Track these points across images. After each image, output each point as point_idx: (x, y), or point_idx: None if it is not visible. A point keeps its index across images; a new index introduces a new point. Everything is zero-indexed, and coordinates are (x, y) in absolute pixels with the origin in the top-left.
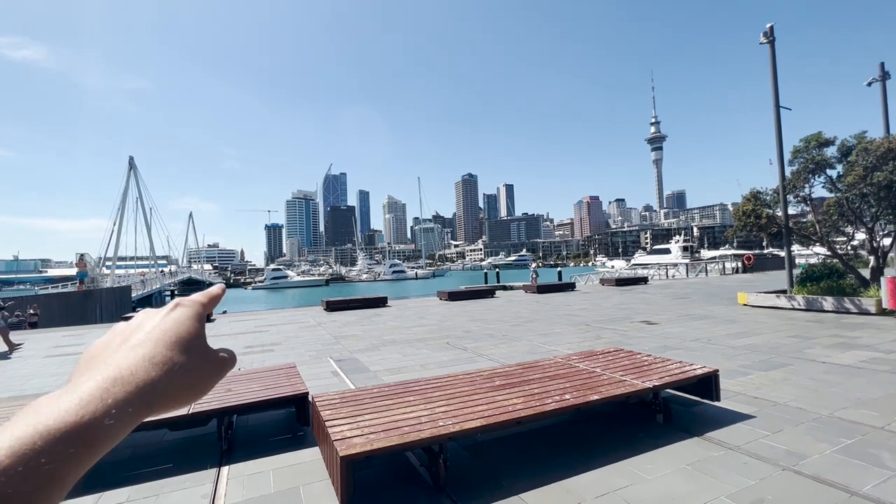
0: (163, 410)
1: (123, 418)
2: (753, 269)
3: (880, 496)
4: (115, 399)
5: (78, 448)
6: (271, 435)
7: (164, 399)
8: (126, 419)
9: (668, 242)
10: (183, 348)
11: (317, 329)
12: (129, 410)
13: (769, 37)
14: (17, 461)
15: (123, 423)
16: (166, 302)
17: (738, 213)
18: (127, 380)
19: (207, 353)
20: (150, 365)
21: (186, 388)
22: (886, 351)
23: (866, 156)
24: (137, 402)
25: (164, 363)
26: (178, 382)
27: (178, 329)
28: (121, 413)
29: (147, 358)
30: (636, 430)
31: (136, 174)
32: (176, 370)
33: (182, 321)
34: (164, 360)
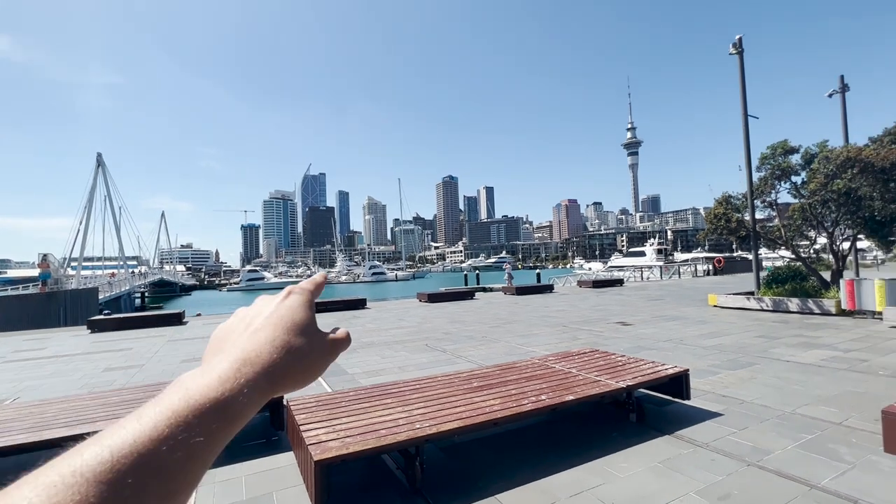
0: (285, 389)
1: (254, 396)
2: (724, 271)
3: (837, 488)
4: (247, 378)
5: (220, 423)
6: (244, 440)
7: (286, 379)
8: (256, 397)
9: (643, 245)
10: (298, 333)
11: None
12: (257, 389)
13: (738, 48)
14: (175, 431)
15: (254, 400)
16: (135, 304)
17: (709, 216)
18: (254, 361)
19: (320, 337)
20: (271, 348)
21: (303, 370)
22: (845, 350)
23: (827, 164)
24: (264, 381)
25: (283, 346)
26: (296, 364)
27: (293, 315)
28: (252, 391)
29: (269, 341)
30: (610, 430)
31: (104, 171)
32: (294, 353)
33: (295, 308)
34: (283, 343)
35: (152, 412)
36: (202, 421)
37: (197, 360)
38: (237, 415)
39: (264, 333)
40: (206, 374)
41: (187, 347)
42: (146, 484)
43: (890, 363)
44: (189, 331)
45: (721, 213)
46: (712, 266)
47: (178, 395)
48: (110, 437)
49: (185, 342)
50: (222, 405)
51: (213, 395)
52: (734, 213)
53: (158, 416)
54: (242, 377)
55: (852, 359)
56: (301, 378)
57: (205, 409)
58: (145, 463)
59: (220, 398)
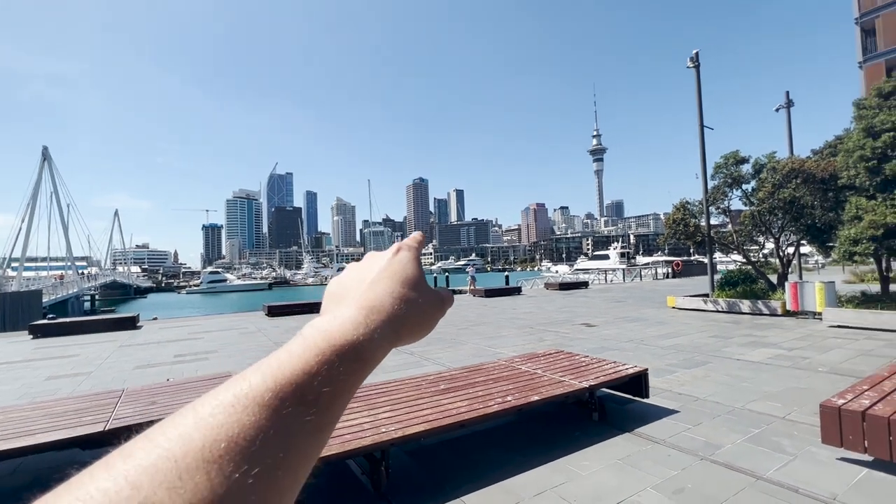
0: (405, 340)
1: (383, 343)
2: (682, 274)
3: (780, 479)
4: (376, 325)
5: (356, 364)
6: None
7: (406, 330)
8: (384, 343)
9: (608, 249)
10: (413, 287)
11: (257, 336)
12: (385, 336)
13: (695, 62)
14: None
15: (383, 347)
16: (85, 308)
17: (668, 222)
18: (378, 309)
19: (431, 292)
20: (392, 299)
21: (420, 323)
22: (789, 348)
23: (774, 174)
24: (388, 329)
25: (401, 298)
26: (414, 316)
27: (406, 269)
28: (380, 338)
29: (388, 293)
30: (573, 429)
31: (51, 166)
32: (411, 305)
33: (406, 263)
34: (401, 295)
35: (299, 349)
36: (342, 361)
37: (152, 366)
38: (370, 358)
39: (382, 285)
40: (337, 320)
41: (141, 353)
42: (302, 413)
43: (828, 360)
44: (143, 335)
45: (679, 218)
46: (671, 269)
47: (320, 336)
48: (267, 367)
49: (138, 347)
50: (358, 348)
51: (350, 338)
52: (691, 218)
53: (307, 352)
54: (372, 323)
55: (795, 356)
56: (418, 330)
57: (344, 350)
58: (302, 394)
59: (356, 341)
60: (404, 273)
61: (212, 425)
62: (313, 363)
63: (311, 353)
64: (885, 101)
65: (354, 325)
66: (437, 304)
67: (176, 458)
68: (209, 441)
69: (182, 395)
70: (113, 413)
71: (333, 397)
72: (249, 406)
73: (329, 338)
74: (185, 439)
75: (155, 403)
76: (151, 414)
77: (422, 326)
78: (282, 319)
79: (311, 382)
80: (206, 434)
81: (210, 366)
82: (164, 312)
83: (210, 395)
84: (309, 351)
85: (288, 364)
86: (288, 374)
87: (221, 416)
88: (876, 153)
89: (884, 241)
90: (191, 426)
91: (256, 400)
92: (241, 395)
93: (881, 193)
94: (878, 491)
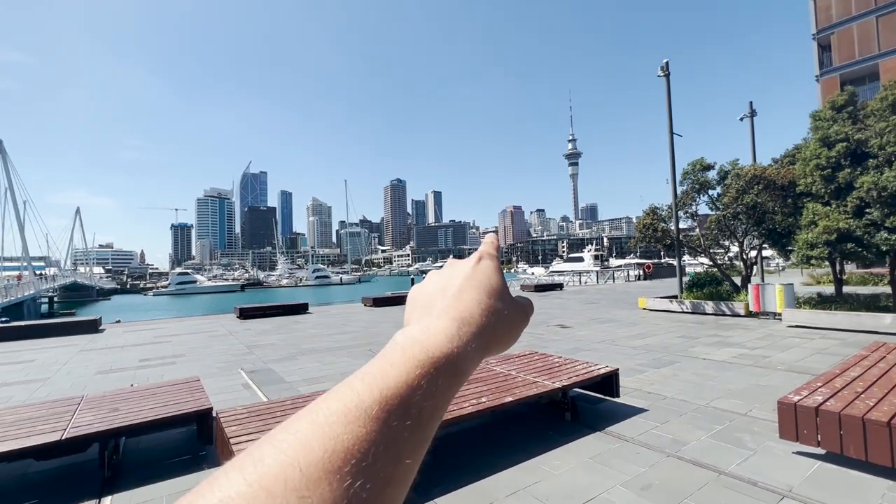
0: (493, 352)
1: (475, 355)
2: (652, 276)
3: (741, 473)
4: (468, 337)
5: (452, 377)
6: (167, 457)
7: (494, 341)
8: (476, 356)
9: (582, 251)
10: (498, 297)
11: (228, 338)
12: (477, 349)
13: (665, 71)
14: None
15: (475, 360)
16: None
17: (639, 226)
18: (468, 321)
19: (515, 302)
20: (480, 310)
21: (507, 333)
22: (751, 347)
23: (738, 180)
24: (479, 341)
25: (489, 309)
26: (501, 328)
27: (490, 279)
28: (473, 351)
29: (476, 303)
30: (546, 429)
31: (5, 160)
32: (498, 315)
33: (489, 273)
34: (488, 306)
35: (399, 360)
36: (439, 374)
37: (114, 372)
38: (464, 372)
39: (469, 295)
40: (431, 331)
41: (103, 357)
42: (407, 427)
43: (787, 359)
44: (106, 339)
45: (649, 223)
46: (643, 271)
47: (419, 348)
48: (372, 377)
49: (100, 352)
50: (454, 361)
51: (447, 351)
52: (661, 223)
53: (407, 363)
54: (465, 336)
55: (757, 355)
56: (504, 341)
57: (442, 364)
58: (406, 408)
59: (452, 354)
60: (489, 283)
61: (328, 435)
62: (415, 376)
63: (411, 364)
64: (839, 113)
65: (449, 337)
66: (521, 314)
67: (301, 466)
68: (328, 451)
69: (147, 401)
70: (71, 421)
71: (434, 412)
72: (360, 417)
73: (427, 350)
74: (307, 448)
75: (117, 410)
76: (114, 422)
77: (508, 337)
78: (255, 322)
79: (414, 396)
80: (325, 444)
81: (177, 370)
82: (129, 315)
83: (320, 401)
84: (409, 362)
85: (392, 375)
86: (392, 385)
87: (337, 425)
88: (830, 162)
89: (837, 246)
90: (309, 433)
91: (366, 411)
92: (350, 406)
93: (835, 200)
94: (830, 482)
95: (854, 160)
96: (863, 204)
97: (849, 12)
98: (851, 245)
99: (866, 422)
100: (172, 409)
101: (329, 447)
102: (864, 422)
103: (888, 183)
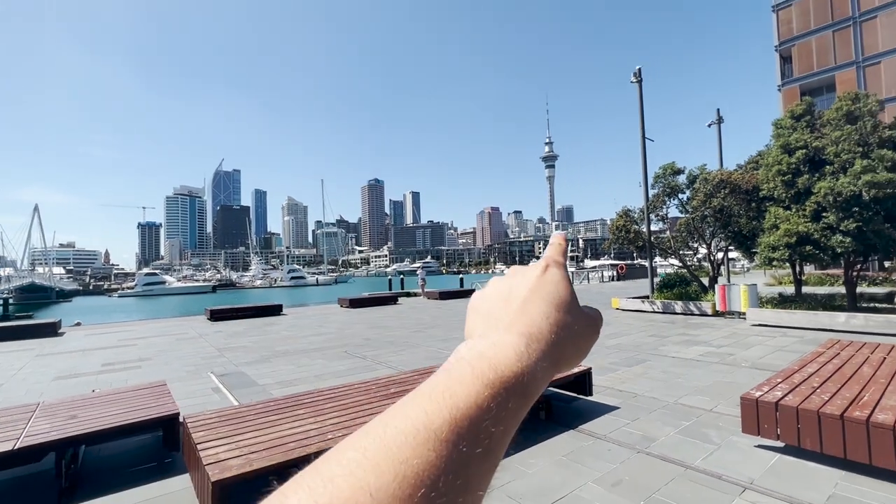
0: (561, 369)
1: (544, 375)
2: (626, 277)
3: (706, 467)
4: (537, 355)
5: (521, 399)
6: (131, 465)
7: (563, 358)
8: (545, 375)
9: None
10: (567, 310)
11: (198, 341)
12: (544, 366)
13: (637, 77)
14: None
15: (544, 380)
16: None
17: (613, 228)
18: (536, 336)
19: (584, 315)
20: (548, 325)
21: (576, 349)
22: (718, 346)
23: (706, 185)
24: (548, 359)
25: (557, 324)
26: (571, 343)
27: (559, 290)
28: (542, 369)
29: (543, 316)
30: (521, 428)
31: None
32: (567, 330)
33: (557, 283)
34: (556, 320)
35: (468, 378)
36: (509, 395)
37: (74, 377)
38: (534, 393)
39: (535, 308)
40: (499, 346)
41: (63, 362)
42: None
43: (750, 356)
44: (65, 343)
45: (622, 225)
46: (616, 272)
47: (487, 365)
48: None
49: (59, 356)
50: (524, 381)
51: (516, 370)
52: (633, 225)
53: (476, 382)
54: (534, 353)
55: (723, 353)
56: (574, 358)
57: (511, 384)
58: (476, 432)
59: (521, 374)
60: (557, 294)
61: (398, 458)
62: (484, 397)
63: (480, 384)
64: (798, 122)
65: (517, 354)
66: (591, 327)
67: (371, 490)
68: (398, 476)
69: (109, 408)
70: (25, 429)
71: (502, 437)
72: (430, 440)
73: (496, 367)
74: (377, 471)
75: (76, 417)
76: (72, 429)
77: (577, 353)
78: (226, 324)
79: (484, 419)
80: (395, 468)
81: (143, 374)
82: (92, 317)
83: (387, 417)
84: (478, 381)
85: (461, 395)
86: (462, 407)
87: (406, 448)
88: (790, 168)
89: (797, 248)
90: (379, 454)
91: (436, 433)
92: (419, 426)
93: (795, 205)
94: (788, 473)
95: (812, 167)
96: (820, 208)
97: (808, 26)
98: (810, 248)
99: (821, 415)
100: (136, 415)
101: (399, 472)
102: (820, 415)
103: (843, 189)
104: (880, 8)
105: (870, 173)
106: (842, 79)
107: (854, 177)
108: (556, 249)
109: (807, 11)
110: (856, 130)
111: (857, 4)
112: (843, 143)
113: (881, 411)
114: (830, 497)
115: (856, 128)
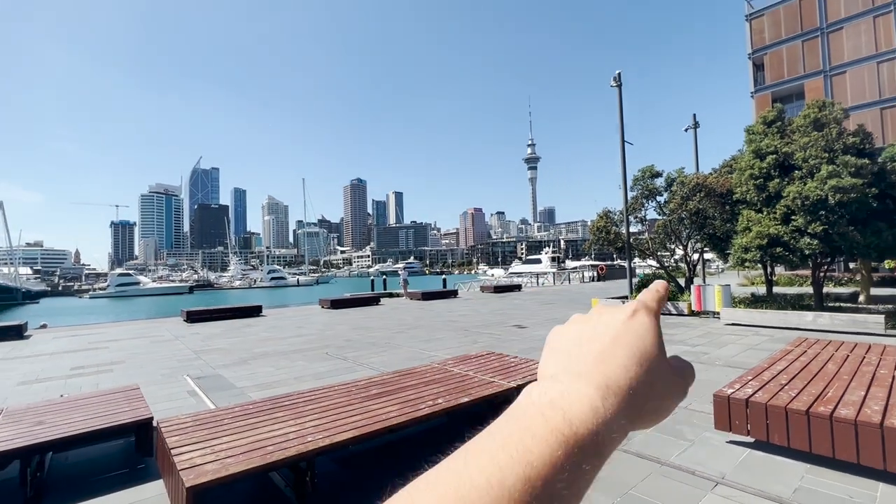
0: (638, 428)
1: (619, 435)
2: (606, 277)
3: (680, 463)
4: (614, 412)
5: (595, 459)
6: (101, 472)
7: (641, 417)
8: (620, 435)
9: (540, 253)
10: (651, 366)
11: (173, 343)
12: (621, 423)
13: (617, 81)
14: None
15: (617, 440)
16: None
17: (593, 229)
18: (615, 391)
19: (671, 370)
20: (627, 378)
21: (656, 411)
22: (693, 345)
23: (683, 188)
24: (624, 417)
25: (637, 378)
26: (651, 403)
27: (643, 341)
28: (617, 429)
29: (624, 368)
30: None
31: None
32: (650, 389)
33: (644, 333)
34: (636, 376)
35: (541, 432)
36: (583, 457)
37: (41, 382)
38: (606, 454)
39: (616, 359)
40: (574, 397)
41: (28, 366)
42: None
43: (724, 354)
44: (32, 346)
45: (602, 226)
46: (597, 273)
47: (561, 418)
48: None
49: (25, 360)
50: (598, 441)
51: (591, 427)
52: (613, 226)
53: (550, 438)
54: (610, 409)
55: (698, 352)
56: (652, 419)
57: (586, 444)
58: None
59: (596, 432)
60: (643, 347)
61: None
62: (559, 456)
63: (554, 441)
64: (769, 127)
65: (593, 409)
66: (679, 385)
67: None
68: None
69: (78, 413)
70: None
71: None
72: (504, 498)
73: (571, 423)
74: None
75: (43, 423)
76: (38, 436)
77: (658, 413)
78: (203, 325)
79: (557, 480)
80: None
81: (115, 378)
82: (60, 319)
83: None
84: (552, 437)
85: (535, 452)
86: (537, 464)
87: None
88: (762, 172)
89: (768, 250)
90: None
91: (510, 491)
92: (493, 482)
93: (766, 208)
94: (758, 468)
95: (782, 171)
96: (789, 212)
97: (779, 35)
98: (780, 249)
99: (788, 411)
100: (107, 420)
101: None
102: (787, 411)
103: (810, 193)
104: (846, 20)
105: (835, 178)
106: (810, 87)
107: (821, 181)
108: (651, 295)
109: (778, 21)
110: (822, 137)
111: (825, 15)
112: (810, 149)
113: (844, 406)
114: (797, 490)
115: (822, 134)
